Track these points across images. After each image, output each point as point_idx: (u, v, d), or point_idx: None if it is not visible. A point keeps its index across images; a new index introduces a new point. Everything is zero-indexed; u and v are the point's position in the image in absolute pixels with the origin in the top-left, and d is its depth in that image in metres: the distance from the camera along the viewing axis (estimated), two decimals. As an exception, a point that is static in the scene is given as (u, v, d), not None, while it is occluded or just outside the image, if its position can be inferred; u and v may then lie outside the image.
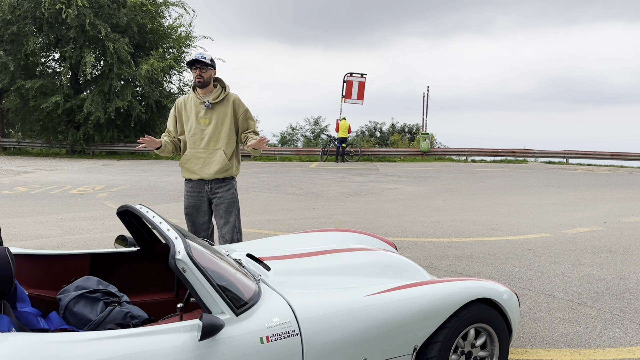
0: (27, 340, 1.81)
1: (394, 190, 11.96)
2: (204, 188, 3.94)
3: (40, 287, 2.92)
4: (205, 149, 3.88)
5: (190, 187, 3.98)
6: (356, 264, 3.04)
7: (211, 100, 3.84)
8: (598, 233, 7.06)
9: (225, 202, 3.94)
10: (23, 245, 5.96)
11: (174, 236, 2.26)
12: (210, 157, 3.88)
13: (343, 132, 20.88)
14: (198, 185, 3.94)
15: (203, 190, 3.95)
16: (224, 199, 3.94)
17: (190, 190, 3.98)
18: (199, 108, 3.86)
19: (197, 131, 3.88)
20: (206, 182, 3.93)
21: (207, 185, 3.94)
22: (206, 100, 3.84)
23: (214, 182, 3.93)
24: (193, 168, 3.91)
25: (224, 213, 3.95)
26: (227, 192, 3.95)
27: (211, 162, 3.88)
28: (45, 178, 13.67)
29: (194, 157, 3.90)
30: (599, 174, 16.55)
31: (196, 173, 3.91)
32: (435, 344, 2.58)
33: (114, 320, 2.54)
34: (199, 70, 3.76)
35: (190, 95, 3.93)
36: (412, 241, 6.47)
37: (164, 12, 24.17)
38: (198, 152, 3.89)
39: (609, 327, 3.78)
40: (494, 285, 2.85)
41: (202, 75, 3.77)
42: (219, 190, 3.94)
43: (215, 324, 2.02)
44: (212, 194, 3.95)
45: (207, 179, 3.91)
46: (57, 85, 21.65)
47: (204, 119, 3.86)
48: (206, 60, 3.74)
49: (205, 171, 3.89)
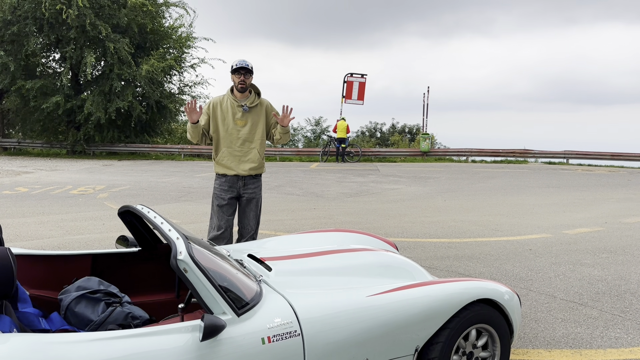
0: (29, 341, 1.81)
1: (395, 191, 11.96)
2: (237, 183, 4.29)
3: (42, 287, 2.92)
4: (241, 148, 4.26)
5: (223, 182, 4.30)
6: (357, 264, 3.03)
7: (249, 105, 4.23)
8: (599, 233, 7.05)
9: (256, 196, 4.37)
10: (24, 245, 5.96)
11: (175, 236, 2.26)
12: (245, 155, 4.27)
13: (341, 133, 20.88)
14: (231, 180, 4.29)
15: (235, 185, 4.29)
16: (254, 195, 4.35)
17: (223, 184, 4.31)
18: (236, 110, 4.22)
19: (234, 131, 4.24)
20: (240, 178, 4.28)
21: (241, 181, 4.29)
22: (244, 104, 4.22)
23: (248, 178, 4.30)
24: (229, 164, 4.27)
25: (254, 206, 4.35)
26: (256, 188, 4.37)
27: (246, 159, 4.27)
28: (45, 178, 13.67)
29: (230, 155, 4.26)
30: (600, 175, 16.54)
31: (232, 169, 4.27)
32: (436, 345, 2.58)
33: (115, 320, 2.53)
34: (243, 77, 4.14)
35: (226, 97, 4.27)
36: (412, 241, 6.47)
37: (165, 12, 24.17)
38: (234, 151, 4.25)
39: (610, 327, 3.78)
40: (495, 286, 2.84)
41: (245, 81, 4.16)
42: (251, 185, 4.33)
43: (216, 324, 2.02)
44: (244, 188, 4.31)
45: (241, 174, 4.27)
46: (57, 86, 21.64)
47: (241, 121, 4.24)
48: (250, 67, 4.13)
49: (241, 167, 4.26)
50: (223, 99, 4.29)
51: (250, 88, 4.28)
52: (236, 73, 4.15)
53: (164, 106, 23.47)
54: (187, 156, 22.62)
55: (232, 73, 4.18)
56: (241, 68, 4.12)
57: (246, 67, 4.12)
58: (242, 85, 4.16)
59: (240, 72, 4.14)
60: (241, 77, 4.14)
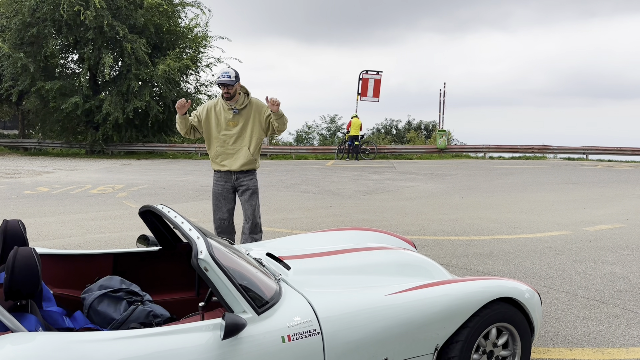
0: (54, 340, 1.84)
1: (411, 188, 11.91)
2: (231, 177, 4.61)
3: (65, 286, 2.97)
4: (233, 147, 4.55)
5: (219, 177, 4.65)
6: (376, 263, 3.03)
7: (238, 107, 4.49)
8: (620, 230, 6.95)
9: (250, 189, 4.62)
10: (45, 244, 6.06)
11: (196, 236, 2.28)
12: (237, 153, 4.56)
13: (355, 130, 20.84)
14: (225, 175, 4.62)
15: (230, 180, 4.62)
16: (248, 187, 4.62)
17: (219, 179, 4.65)
18: (228, 113, 4.52)
19: (227, 132, 4.54)
20: (232, 173, 4.60)
21: (234, 175, 4.60)
22: (234, 107, 4.49)
23: (240, 173, 4.60)
24: (222, 162, 4.59)
25: (248, 197, 4.63)
26: (250, 181, 4.64)
27: (238, 157, 4.56)
28: (65, 178, 13.87)
29: (223, 154, 4.58)
30: (620, 170, 16.29)
31: (225, 166, 4.59)
32: (456, 344, 2.57)
33: (137, 319, 2.57)
34: (226, 88, 4.38)
35: (219, 102, 4.57)
36: (430, 239, 6.44)
37: (180, 12, 24.35)
38: (227, 149, 4.56)
39: (632, 326, 3.72)
40: (516, 284, 2.82)
41: (229, 92, 4.40)
42: (244, 179, 4.62)
43: (237, 323, 2.04)
44: (237, 183, 4.62)
45: (234, 170, 4.57)
46: (76, 87, 21.93)
47: (232, 122, 4.53)
48: (230, 80, 4.33)
49: (232, 164, 4.56)
50: (217, 103, 4.57)
51: (239, 90, 4.49)
52: (220, 85, 4.39)
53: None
54: (203, 155, 22.76)
55: (217, 85, 4.41)
56: (220, 84, 4.35)
57: (226, 82, 4.32)
58: (226, 96, 4.41)
59: (223, 85, 4.36)
60: (224, 89, 4.38)
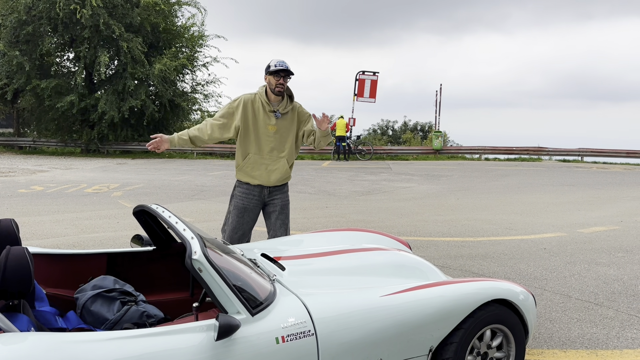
0: (46, 340, 1.83)
1: (407, 189, 11.92)
2: (263, 192, 3.93)
3: (58, 286, 2.95)
4: (269, 156, 3.86)
5: (247, 189, 3.92)
6: (371, 264, 3.03)
7: (282, 111, 3.83)
8: (614, 232, 6.97)
9: (282, 203, 3.99)
10: (40, 243, 6.03)
11: (190, 236, 2.28)
12: (273, 164, 3.87)
13: (341, 131, 20.90)
14: (256, 189, 3.92)
15: (261, 195, 3.93)
16: (280, 201, 3.97)
17: (247, 192, 3.92)
18: (269, 115, 3.82)
19: (264, 137, 3.84)
20: (265, 188, 3.92)
21: (266, 190, 3.93)
22: (277, 110, 3.82)
23: (273, 188, 3.94)
24: (254, 173, 3.88)
25: (279, 214, 3.97)
26: (283, 194, 4.00)
27: (274, 169, 3.88)
28: (60, 177, 13.82)
29: (257, 162, 3.86)
30: (615, 172, 16.35)
31: (256, 179, 3.88)
32: (451, 345, 2.56)
33: (130, 319, 2.55)
34: (283, 79, 3.73)
35: (258, 98, 3.85)
36: (425, 240, 6.45)
37: (177, 11, 24.33)
38: (262, 158, 3.86)
39: (626, 327, 3.73)
40: (510, 286, 2.82)
41: (283, 84, 3.74)
42: (277, 194, 3.96)
43: (231, 324, 2.03)
44: (269, 198, 3.95)
45: (267, 185, 3.91)
46: (71, 85, 21.88)
47: (272, 127, 3.83)
48: (290, 69, 3.72)
49: (267, 178, 3.88)
50: (255, 99, 3.85)
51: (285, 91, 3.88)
52: (275, 75, 3.71)
53: (177, 105, 23.63)
54: (199, 154, 22.73)
55: (270, 74, 3.73)
56: (281, 70, 3.68)
57: (287, 69, 3.70)
58: (280, 89, 3.74)
59: (280, 75, 3.71)
60: (280, 80, 3.72)
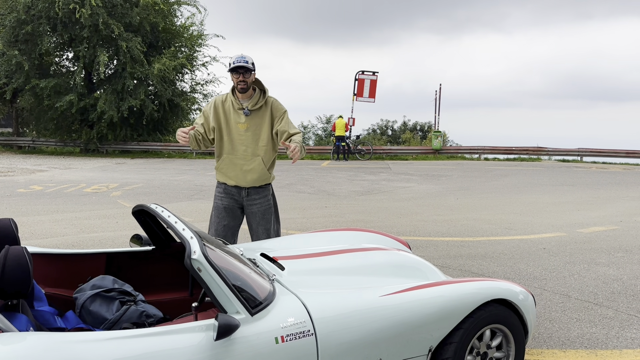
0: (45, 340, 1.82)
1: (406, 189, 11.92)
2: (240, 193, 3.78)
3: (57, 286, 2.95)
4: (244, 155, 3.71)
5: (224, 190, 3.80)
6: (370, 263, 3.03)
7: (250, 107, 3.66)
8: (614, 232, 6.97)
9: (262, 208, 3.81)
10: (39, 243, 6.02)
11: (189, 236, 2.27)
12: (248, 164, 3.71)
13: (340, 131, 20.90)
14: (233, 190, 3.78)
15: (239, 196, 3.78)
16: (260, 206, 3.80)
17: (224, 192, 3.80)
18: (238, 113, 3.69)
19: (236, 137, 3.70)
20: (242, 189, 3.77)
21: (243, 191, 3.77)
22: (245, 106, 3.67)
23: (251, 189, 3.77)
24: (230, 174, 3.75)
25: (260, 220, 3.81)
26: (263, 198, 3.81)
27: (249, 169, 3.72)
28: (59, 177, 13.81)
29: (231, 163, 3.73)
30: (614, 172, 16.36)
31: (232, 179, 3.75)
32: (450, 345, 2.56)
33: (129, 319, 2.55)
34: (242, 76, 3.57)
35: (228, 97, 3.73)
36: (425, 240, 6.45)
37: (176, 11, 24.32)
38: (236, 158, 3.72)
39: (626, 327, 3.73)
40: (510, 286, 2.82)
41: (245, 80, 3.58)
42: (256, 197, 3.78)
43: (230, 324, 2.03)
44: (247, 200, 3.78)
45: (244, 186, 3.76)
46: (71, 85, 21.85)
47: (242, 125, 3.68)
48: (249, 65, 3.55)
49: (242, 179, 3.73)
50: (226, 99, 3.74)
51: (255, 85, 3.72)
52: (234, 72, 3.56)
53: (176, 104, 23.62)
54: (199, 154, 22.72)
55: (230, 72, 3.59)
56: (239, 67, 3.53)
57: (244, 66, 3.52)
58: (242, 85, 3.59)
59: (239, 72, 3.55)
60: (240, 77, 3.57)
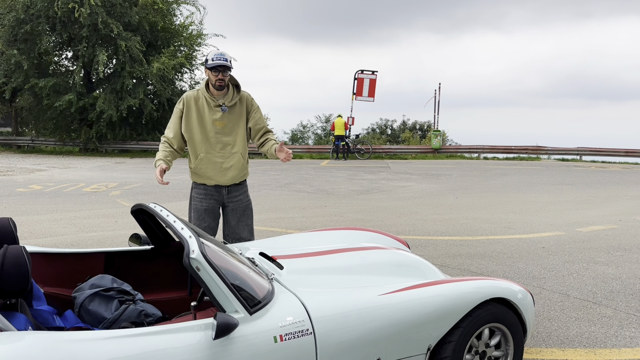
0: (43, 339, 1.82)
1: (406, 188, 11.92)
2: (221, 192, 3.75)
3: (56, 285, 2.95)
4: (222, 153, 3.67)
5: (204, 190, 3.74)
6: (369, 263, 3.03)
7: (228, 104, 3.64)
8: (613, 231, 6.98)
9: (243, 205, 3.83)
10: (38, 242, 6.02)
11: (188, 235, 2.27)
12: (228, 161, 3.68)
13: (339, 130, 20.89)
14: (214, 190, 3.74)
15: (220, 195, 3.75)
16: (241, 203, 3.81)
17: (204, 194, 3.74)
18: (214, 111, 3.63)
19: (212, 134, 3.65)
20: (223, 187, 3.74)
21: (224, 189, 3.75)
22: (222, 103, 3.63)
23: (232, 187, 3.76)
24: (209, 174, 3.69)
25: (241, 216, 3.81)
26: (243, 194, 3.83)
27: (229, 167, 3.69)
28: (59, 176, 13.80)
29: (209, 162, 3.67)
30: (614, 171, 16.37)
31: (212, 179, 3.70)
32: (449, 344, 2.56)
33: (128, 318, 2.55)
34: (221, 74, 3.53)
35: (201, 94, 3.65)
36: (424, 239, 6.45)
37: (175, 10, 24.30)
38: (214, 157, 3.67)
39: (624, 326, 3.73)
40: (509, 285, 2.82)
41: (223, 79, 3.56)
42: (236, 194, 3.79)
43: (229, 323, 2.03)
44: (228, 198, 3.77)
45: (224, 184, 3.72)
46: (70, 84, 21.85)
47: (220, 122, 3.64)
48: (228, 64, 3.52)
49: (222, 176, 3.69)
50: (198, 95, 3.66)
51: (229, 82, 3.67)
52: (213, 70, 3.52)
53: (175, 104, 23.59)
54: (198, 153, 22.72)
55: (208, 69, 3.55)
56: (220, 66, 3.50)
57: (225, 64, 3.49)
58: (220, 83, 3.56)
59: (218, 70, 3.52)
60: (219, 75, 3.53)
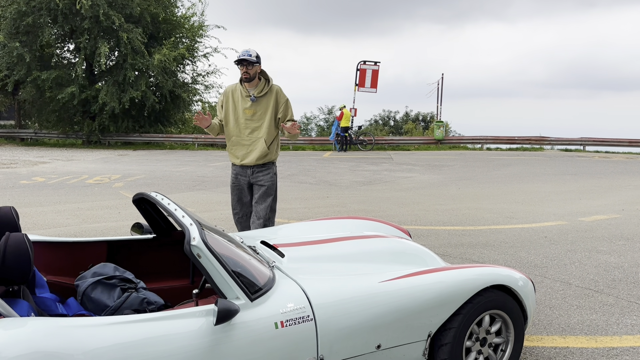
0: (46, 325, 1.83)
1: (408, 179, 11.91)
2: (247, 172, 4.36)
3: (59, 273, 2.97)
4: (249, 137, 4.29)
5: (236, 169, 4.41)
6: (370, 250, 3.03)
7: (256, 94, 4.22)
8: (615, 220, 6.97)
9: (266, 185, 4.34)
10: (41, 233, 6.05)
11: (189, 223, 2.28)
12: (253, 144, 4.29)
13: (346, 121, 20.83)
14: (242, 169, 4.37)
15: (246, 174, 4.36)
16: (264, 182, 4.33)
17: (236, 173, 4.41)
18: (245, 100, 4.25)
19: (242, 121, 4.28)
20: (248, 167, 4.34)
21: (250, 169, 4.34)
22: (252, 94, 4.22)
23: (256, 167, 4.33)
24: (238, 154, 4.35)
25: (263, 194, 4.33)
26: (266, 176, 4.34)
27: (253, 149, 4.29)
28: (62, 168, 13.83)
29: (238, 144, 4.33)
30: (617, 162, 16.31)
31: (239, 158, 4.34)
32: (449, 330, 2.57)
33: (130, 306, 2.56)
34: (246, 68, 4.11)
35: (237, 86, 4.31)
36: (426, 229, 6.45)
37: (177, 1, 24.20)
38: (242, 140, 4.31)
39: (626, 314, 3.74)
40: (509, 272, 2.83)
41: (248, 72, 4.13)
42: (259, 174, 4.34)
43: (230, 309, 2.04)
44: (253, 178, 4.35)
45: (249, 165, 4.31)
46: (72, 76, 21.81)
47: (249, 110, 4.26)
48: (252, 59, 4.08)
49: (247, 158, 4.31)
50: (235, 88, 4.33)
51: (260, 75, 4.26)
52: (238, 64, 4.15)
53: (178, 96, 23.57)
54: (200, 145, 22.73)
55: (236, 64, 4.18)
56: (243, 60, 4.09)
57: (247, 59, 4.07)
58: (245, 76, 4.16)
59: (243, 64, 4.11)
60: (244, 69, 4.13)
